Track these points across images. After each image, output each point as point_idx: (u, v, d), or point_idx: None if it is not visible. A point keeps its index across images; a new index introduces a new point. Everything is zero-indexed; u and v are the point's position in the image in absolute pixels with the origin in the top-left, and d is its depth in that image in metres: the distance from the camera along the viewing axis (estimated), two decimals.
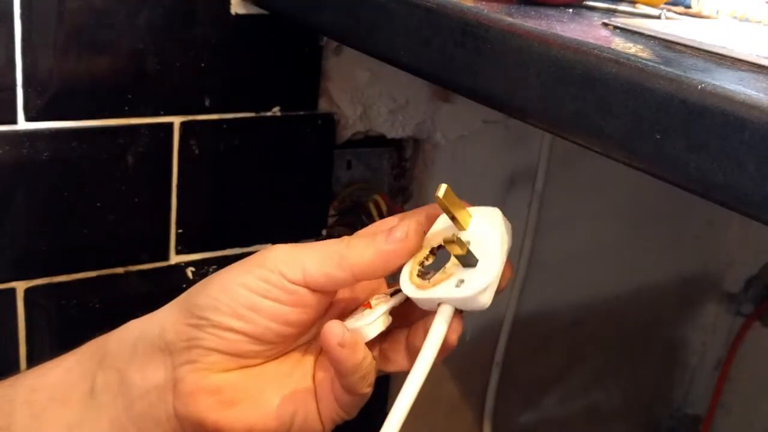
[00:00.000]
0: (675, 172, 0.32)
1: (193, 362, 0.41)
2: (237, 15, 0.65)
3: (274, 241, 0.73)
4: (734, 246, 1.10)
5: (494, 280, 0.41)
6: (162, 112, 0.64)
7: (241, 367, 0.42)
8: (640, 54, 0.35)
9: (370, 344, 0.43)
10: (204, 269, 0.71)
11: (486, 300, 0.41)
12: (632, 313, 1.07)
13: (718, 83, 0.31)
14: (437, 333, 0.41)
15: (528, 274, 0.93)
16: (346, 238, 0.43)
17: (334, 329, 0.40)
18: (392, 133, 0.79)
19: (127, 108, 0.63)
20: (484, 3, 0.45)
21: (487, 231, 0.43)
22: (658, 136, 0.33)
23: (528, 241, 0.91)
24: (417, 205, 0.82)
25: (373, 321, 0.43)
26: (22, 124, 0.59)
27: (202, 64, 0.65)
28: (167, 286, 0.69)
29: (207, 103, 0.66)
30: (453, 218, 0.42)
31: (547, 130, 0.41)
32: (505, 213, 0.44)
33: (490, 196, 0.88)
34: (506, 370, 0.97)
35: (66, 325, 0.66)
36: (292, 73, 0.70)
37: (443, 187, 0.41)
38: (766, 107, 0.29)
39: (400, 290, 0.43)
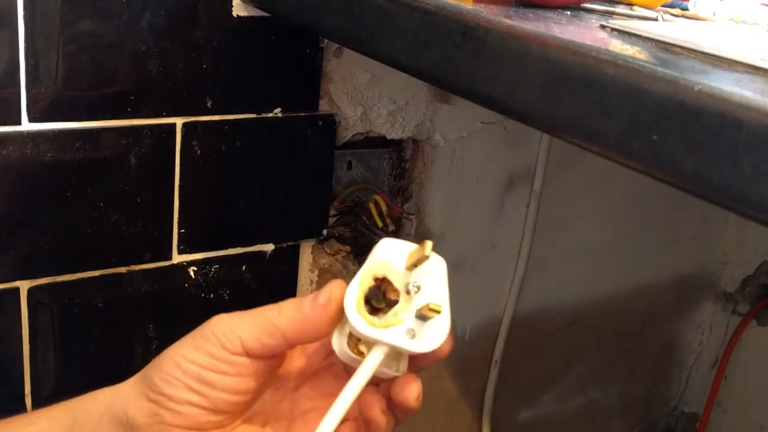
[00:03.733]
0: (672, 172, 0.33)
1: None
2: (238, 17, 0.66)
3: (275, 241, 0.74)
4: (731, 246, 1.11)
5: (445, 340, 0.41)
6: (164, 113, 0.65)
7: None
8: (637, 56, 0.36)
9: None
10: (206, 268, 0.71)
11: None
12: (629, 312, 1.07)
13: (714, 85, 0.31)
14: (369, 369, 0.41)
15: (526, 273, 0.94)
16: (279, 304, 0.44)
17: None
18: (392, 134, 0.79)
19: (129, 109, 0.63)
20: (482, 5, 0.46)
21: (437, 283, 0.42)
22: (655, 137, 0.33)
23: (526, 241, 0.92)
24: (416, 205, 0.83)
25: None
26: (26, 125, 0.60)
27: (204, 66, 0.65)
28: (169, 286, 0.70)
29: (209, 104, 0.66)
30: (414, 266, 0.42)
31: (545, 131, 0.41)
32: (504, 213, 0.44)
33: (489, 197, 0.88)
34: (505, 368, 0.98)
35: (69, 324, 0.66)
36: (293, 75, 0.70)
37: (429, 243, 0.40)
38: (762, 108, 0.29)
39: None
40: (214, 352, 0.42)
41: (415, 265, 0.42)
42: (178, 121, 0.66)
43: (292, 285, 0.78)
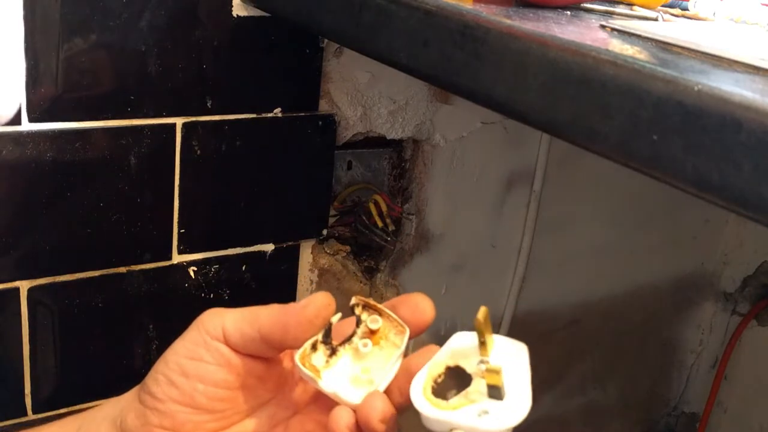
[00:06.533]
0: (672, 172, 0.33)
1: None
2: (238, 17, 0.66)
3: (275, 241, 0.74)
4: (731, 246, 1.11)
5: (521, 422, 0.39)
6: (164, 113, 0.65)
7: None
8: (637, 56, 0.36)
9: None
10: (206, 269, 0.71)
11: None
12: (629, 312, 1.07)
13: (714, 85, 0.31)
14: None
15: (526, 273, 0.94)
16: (273, 304, 0.44)
17: (374, 404, 0.39)
18: (392, 134, 0.79)
19: (129, 109, 0.63)
20: (482, 5, 0.46)
21: (517, 366, 0.41)
22: (655, 137, 0.33)
23: (526, 241, 0.92)
24: (416, 205, 0.83)
25: (388, 375, 0.41)
26: (26, 125, 0.60)
27: (204, 66, 0.65)
28: (169, 286, 0.70)
29: (209, 104, 0.66)
30: (482, 343, 0.41)
31: (545, 131, 0.41)
32: (504, 213, 0.44)
33: (489, 197, 0.88)
34: None
35: (69, 324, 0.66)
36: (293, 75, 0.70)
37: (483, 309, 0.40)
38: (762, 109, 0.29)
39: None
40: (196, 338, 0.43)
41: (483, 343, 0.41)
42: (178, 121, 0.66)
43: (292, 285, 0.78)
